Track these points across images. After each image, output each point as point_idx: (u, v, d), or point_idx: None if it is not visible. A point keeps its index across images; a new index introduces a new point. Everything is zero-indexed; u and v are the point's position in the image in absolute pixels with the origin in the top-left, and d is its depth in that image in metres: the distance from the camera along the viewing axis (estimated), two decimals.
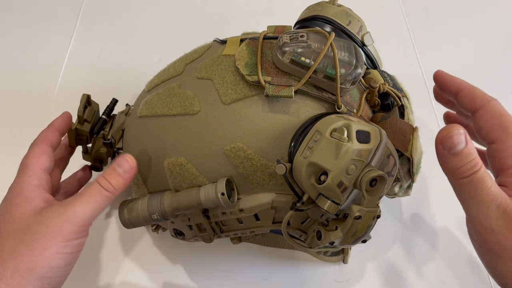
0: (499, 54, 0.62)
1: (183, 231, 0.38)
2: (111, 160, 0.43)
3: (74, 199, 0.32)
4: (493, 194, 0.26)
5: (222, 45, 0.37)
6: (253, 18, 0.65)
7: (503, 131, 0.26)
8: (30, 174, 0.34)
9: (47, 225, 0.31)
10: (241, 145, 0.32)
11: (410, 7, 0.67)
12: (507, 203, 0.26)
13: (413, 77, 0.59)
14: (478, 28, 0.64)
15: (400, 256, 0.45)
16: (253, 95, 0.33)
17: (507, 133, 0.26)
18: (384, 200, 0.44)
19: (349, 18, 0.36)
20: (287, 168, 0.30)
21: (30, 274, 0.29)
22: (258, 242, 0.44)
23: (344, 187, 0.28)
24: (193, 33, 0.63)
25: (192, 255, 0.45)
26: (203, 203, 0.33)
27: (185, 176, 0.34)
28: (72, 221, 0.31)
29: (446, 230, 0.47)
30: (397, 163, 0.33)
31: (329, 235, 0.30)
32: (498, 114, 0.27)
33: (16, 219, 0.31)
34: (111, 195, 0.34)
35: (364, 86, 0.36)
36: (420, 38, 0.63)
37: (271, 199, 0.33)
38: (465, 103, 0.31)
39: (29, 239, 0.30)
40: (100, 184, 0.33)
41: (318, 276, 0.44)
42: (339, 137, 0.27)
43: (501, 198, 0.26)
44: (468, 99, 0.31)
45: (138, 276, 0.44)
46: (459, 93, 0.32)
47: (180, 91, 0.35)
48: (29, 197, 0.32)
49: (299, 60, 0.31)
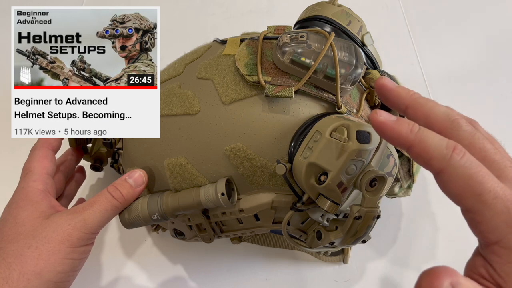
0: (499, 54, 0.62)
1: (183, 231, 0.38)
2: (111, 161, 0.43)
3: (83, 206, 0.33)
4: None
5: (222, 45, 0.37)
6: (253, 18, 0.65)
7: (476, 199, 0.20)
8: (34, 179, 0.34)
9: (55, 230, 0.31)
10: (241, 145, 0.32)
11: (410, 7, 0.67)
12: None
13: (413, 77, 0.59)
14: (478, 28, 0.64)
15: (400, 256, 0.45)
16: (253, 95, 0.33)
17: (482, 201, 0.20)
18: (384, 200, 0.44)
19: (349, 18, 0.36)
20: (287, 168, 0.30)
21: (37, 278, 0.29)
22: (258, 242, 0.44)
23: (344, 187, 0.28)
24: (193, 33, 0.63)
25: (192, 255, 0.45)
26: (203, 203, 0.33)
27: (185, 176, 0.34)
28: (81, 228, 0.32)
29: (446, 230, 0.47)
30: (397, 163, 0.33)
31: (329, 235, 0.30)
32: (464, 178, 0.20)
33: (22, 223, 0.31)
34: (120, 206, 0.34)
35: (364, 86, 0.36)
36: (420, 38, 0.63)
37: (271, 199, 0.33)
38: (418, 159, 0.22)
39: (36, 243, 0.30)
40: (111, 193, 0.34)
41: (318, 276, 0.44)
42: (339, 137, 0.27)
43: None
44: (422, 158, 0.22)
45: (138, 276, 0.44)
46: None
47: (180, 91, 0.35)
48: (35, 202, 0.33)
49: (299, 60, 0.31)
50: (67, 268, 0.31)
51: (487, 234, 0.21)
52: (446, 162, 0.21)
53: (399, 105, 0.25)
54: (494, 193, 0.20)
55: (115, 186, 0.34)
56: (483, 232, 0.21)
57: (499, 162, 0.22)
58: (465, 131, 0.23)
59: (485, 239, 0.21)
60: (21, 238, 0.31)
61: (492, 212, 0.20)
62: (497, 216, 0.20)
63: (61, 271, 0.30)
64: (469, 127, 0.23)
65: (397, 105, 0.26)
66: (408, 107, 0.25)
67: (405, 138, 0.22)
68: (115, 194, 0.34)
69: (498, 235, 0.20)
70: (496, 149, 0.22)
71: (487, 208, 0.20)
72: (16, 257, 0.30)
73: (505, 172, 0.21)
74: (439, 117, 0.23)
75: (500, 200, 0.20)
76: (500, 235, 0.20)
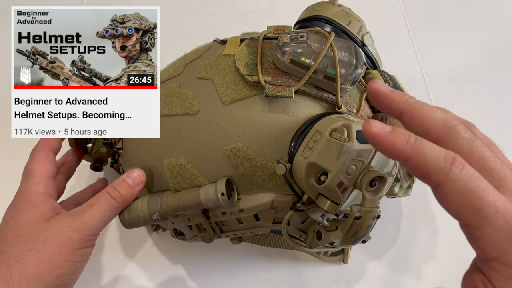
0: (499, 54, 0.62)
1: (183, 231, 0.38)
2: (111, 161, 0.43)
3: (83, 208, 0.33)
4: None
5: (222, 45, 0.37)
6: (253, 18, 0.65)
7: (475, 214, 0.20)
8: (36, 181, 0.34)
9: (55, 233, 0.31)
10: (241, 145, 0.32)
11: (410, 7, 0.67)
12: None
13: (413, 77, 0.59)
14: (478, 28, 0.64)
15: (400, 256, 0.45)
16: (253, 95, 0.33)
17: (482, 216, 0.19)
18: (384, 200, 0.44)
19: (349, 18, 0.36)
20: (287, 168, 0.30)
21: (38, 281, 0.29)
22: (258, 242, 0.44)
23: (344, 187, 0.28)
24: (193, 33, 0.63)
25: (192, 255, 0.45)
26: (203, 204, 0.33)
27: (185, 176, 0.34)
28: (81, 230, 0.32)
29: (446, 230, 0.47)
30: (397, 163, 0.33)
31: (329, 235, 0.30)
32: (464, 192, 0.19)
33: (22, 226, 0.31)
34: (120, 206, 0.34)
35: (364, 86, 0.36)
36: (420, 38, 0.63)
37: (271, 199, 0.33)
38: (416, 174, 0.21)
39: (37, 246, 0.30)
40: (110, 194, 0.34)
41: (318, 276, 0.44)
42: (339, 137, 0.27)
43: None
44: (420, 172, 0.21)
45: (138, 276, 0.44)
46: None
47: (180, 91, 0.35)
48: (36, 204, 0.33)
49: (299, 60, 0.31)
50: (68, 270, 0.31)
51: (487, 250, 0.20)
52: (445, 176, 0.20)
53: (394, 111, 0.24)
54: (494, 207, 0.19)
55: (114, 186, 0.34)
56: (482, 248, 0.20)
57: (499, 172, 0.21)
58: (464, 138, 0.22)
59: (484, 255, 0.20)
60: (22, 241, 0.31)
61: (493, 227, 0.19)
62: (498, 231, 0.19)
63: (61, 274, 0.30)
64: (468, 134, 0.22)
65: (391, 111, 0.24)
66: (403, 113, 0.24)
67: (401, 150, 0.21)
68: (114, 194, 0.34)
69: (498, 251, 0.20)
70: (496, 157, 0.22)
71: (487, 224, 0.19)
72: (17, 260, 0.30)
73: (505, 182, 0.21)
74: (436, 124, 0.22)
75: (501, 215, 0.19)
76: (500, 251, 0.20)
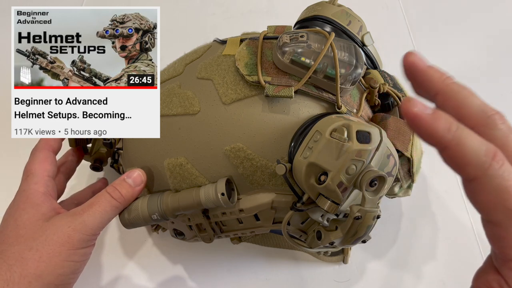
0: (500, 54, 0.62)
1: (183, 231, 0.38)
2: (111, 161, 0.43)
3: (83, 208, 0.33)
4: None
5: (222, 45, 0.37)
6: (253, 18, 0.65)
7: (506, 214, 0.19)
8: (36, 181, 0.34)
9: (55, 233, 0.31)
10: (241, 145, 0.32)
11: (410, 7, 0.67)
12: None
13: None
14: (478, 28, 0.64)
15: (400, 256, 0.45)
16: (253, 95, 0.33)
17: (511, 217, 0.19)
18: (384, 200, 0.44)
19: (349, 18, 0.36)
20: (287, 168, 0.30)
21: (38, 281, 0.29)
22: (258, 242, 0.44)
23: (344, 187, 0.27)
24: (193, 33, 0.63)
25: (192, 255, 0.45)
26: (203, 203, 0.33)
27: (185, 176, 0.34)
28: (81, 229, 0.32)
29: (446, 230, 0.47)
30: (397, 163, 0.33)
31: (329, 235, 0.30)
32: (500, 190, 0.19)
33: (23, 225, 0.31)
34: (120, 206, 0.34)
35: (364, 86, 0.36)
36: (420, 38, 0.63)
37: (271, 199, 0.33)
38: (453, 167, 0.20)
39: (37, 246, 0.30)
40: (110, 194, 0.34)
41: (318, 276, 0.44)
42: (339, 137, 0.27)
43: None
44: (457, 163, 0.20)
45: (138, 276, 0.44)
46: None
47: (180, 91, 0.35)
48: (36, 204, 0.33)
49: (299, 60, 0.31)
50: (68, 270, 0.31)
51: (509, 250, 0.19)
52: (483, 171, 0.18)
53: (429, 90, 0.22)
54: None
55: (114, 186, 0.34)
56: (504, 248, 0.20)
57: None
58: (500, 130, 0.20)
59: (504, 255, 0.20)
60: (22, 240, 0.31)
61: None
62: None
63: (61, 274, 0.30)
64: (504, 126, 0.20)
65: (425, 89, 0.22)
66: (438, 93, 0.21)
67: (441, 137, 0.19)
68: (114, 194, 0.34)
69: None
70: None
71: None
72: (17, 260, 0.30)
73: None
74: (473, 111, 0.20)
75: None
76: None
